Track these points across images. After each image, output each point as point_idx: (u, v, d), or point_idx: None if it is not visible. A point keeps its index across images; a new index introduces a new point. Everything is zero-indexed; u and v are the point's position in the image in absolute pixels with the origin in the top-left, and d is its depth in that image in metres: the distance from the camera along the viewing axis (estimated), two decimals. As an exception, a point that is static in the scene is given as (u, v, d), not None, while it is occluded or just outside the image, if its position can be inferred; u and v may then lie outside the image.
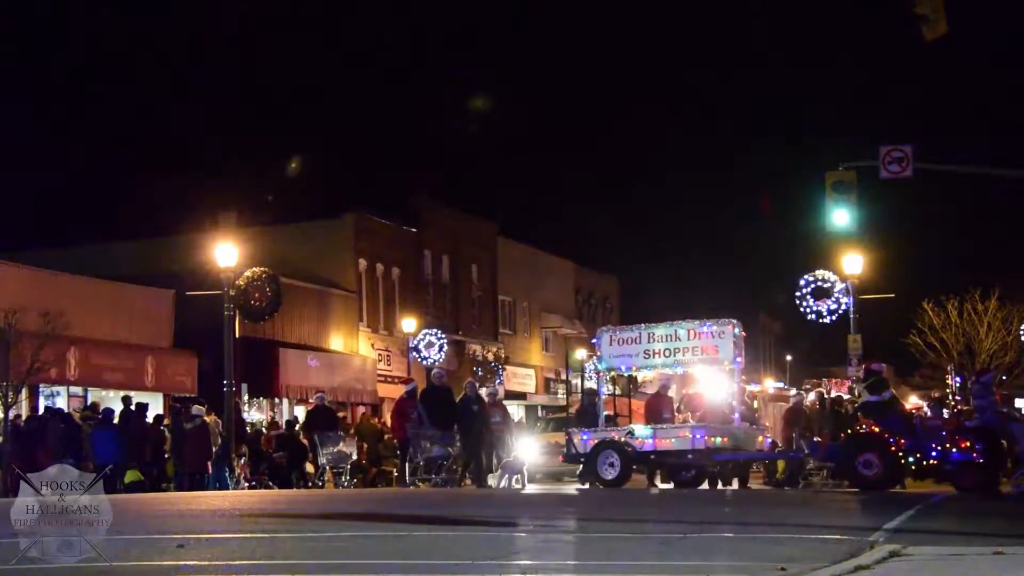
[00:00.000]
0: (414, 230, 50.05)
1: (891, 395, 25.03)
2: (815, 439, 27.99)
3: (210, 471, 28.93)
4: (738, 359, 25.59)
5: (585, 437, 26.03)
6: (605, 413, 27.13)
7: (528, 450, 32.19)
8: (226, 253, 32.48)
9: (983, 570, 10.13)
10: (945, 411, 31.07)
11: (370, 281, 47.25)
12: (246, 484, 29.58)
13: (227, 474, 29.03)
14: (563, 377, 59.94)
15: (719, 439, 25.30)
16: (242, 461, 30.78)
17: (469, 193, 55.85)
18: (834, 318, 39.08)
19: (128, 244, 42.65)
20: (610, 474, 25.12)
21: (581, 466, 26.47)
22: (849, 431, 25.91)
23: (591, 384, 29.54)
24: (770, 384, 51.90)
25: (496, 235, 57.03)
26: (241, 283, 35.13)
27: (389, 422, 33.18)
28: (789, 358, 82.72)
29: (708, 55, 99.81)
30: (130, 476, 27.77)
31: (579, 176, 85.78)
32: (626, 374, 27.88)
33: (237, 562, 11.17)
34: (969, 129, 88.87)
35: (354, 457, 31.03)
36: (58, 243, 41.50)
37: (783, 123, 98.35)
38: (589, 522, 15.67)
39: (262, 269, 36.80)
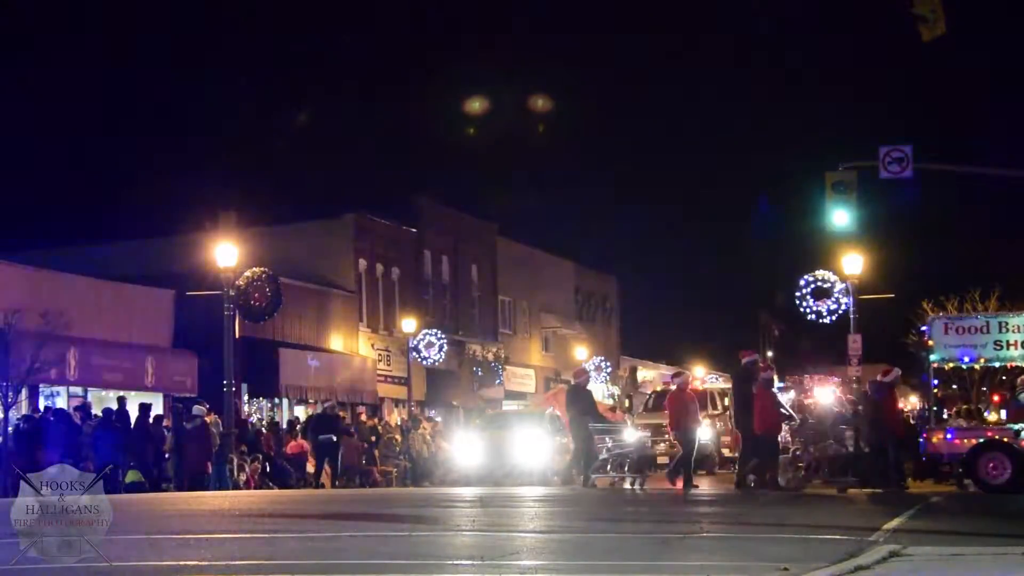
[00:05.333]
0: (414, 230, 50.04)
1: None
2: None
3: (210, 471, 28.94)
4: None
5: (951, 436, 24.70)
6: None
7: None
8: (226, 253, 32.46)
9: (983, 570, 10.14)
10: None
11: (370, 281, 47.23)
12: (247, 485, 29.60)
13: (227, 474, 29.04)
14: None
15: None
16: (248, 463, 30.76)
17: (469, 193, 55.83)
18: (834, 318, 39.02)
19: (128, 244, 42.59)
20: (998, 478, 23.96)
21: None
22: None
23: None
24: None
25: (496, 235, 57.03)
26: (241, 283, 35.09)
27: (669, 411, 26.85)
28: (770, 354, 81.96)
29: (707, 55, 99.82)
30: (130, 476, 27.78)
31: (578, 176, 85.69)
32: (967, 366, 26.33)
33: (237, 562, 11.17)
34: (969, 129, 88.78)
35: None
36: (58, 243, 41.43)
37: (783, 123, 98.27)
38: (590, 522, 15.68)
39: (262, 269, 36.75)
